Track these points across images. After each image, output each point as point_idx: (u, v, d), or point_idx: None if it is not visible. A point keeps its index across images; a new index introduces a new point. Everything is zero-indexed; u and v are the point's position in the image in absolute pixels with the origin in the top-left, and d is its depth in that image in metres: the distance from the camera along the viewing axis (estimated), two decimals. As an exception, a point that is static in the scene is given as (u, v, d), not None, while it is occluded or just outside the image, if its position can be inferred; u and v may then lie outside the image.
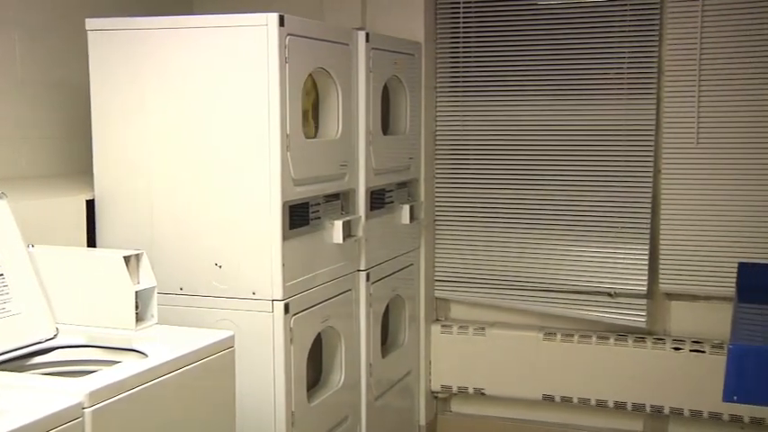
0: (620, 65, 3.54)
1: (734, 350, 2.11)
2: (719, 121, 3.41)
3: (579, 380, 3.60)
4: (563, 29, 3.60)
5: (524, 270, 3.72)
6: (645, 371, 3.50)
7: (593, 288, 3.62)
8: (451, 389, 3.83)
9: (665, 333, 3.60)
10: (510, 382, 3.72)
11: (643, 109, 3.51)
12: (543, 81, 3.65)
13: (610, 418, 3.65)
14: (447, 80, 3.81)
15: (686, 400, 3.45)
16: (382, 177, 3.29)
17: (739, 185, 3.40)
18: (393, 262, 3.43)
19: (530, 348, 3.67)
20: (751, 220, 3.38)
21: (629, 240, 3.56)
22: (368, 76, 3.11)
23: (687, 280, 3.50)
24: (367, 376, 3.19)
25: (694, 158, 3.45)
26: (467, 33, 3.76)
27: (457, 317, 3.91)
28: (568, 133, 3.63)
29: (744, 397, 2.10)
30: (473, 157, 3.80)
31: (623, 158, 3.56)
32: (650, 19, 3.48)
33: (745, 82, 3.36)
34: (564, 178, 3.65)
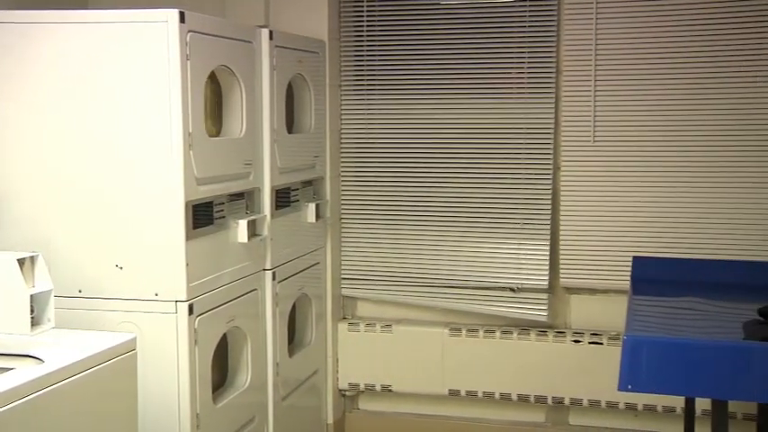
0: (521, 64, 3.62)
1: (628, 341, 2.20)
2: (614, 119, 3.53)
3: (484, 374, 3.67)
4: (465, 29, 3.66)
5: (429, 267, 3.77)
6: (547, 364, 3.59)
7: (496, 284, 3.70)
8: (359, 386, 3.85)
9: (565, 326, 3.70)
10: (417, 379, 3.76)
11: (542, 107, 3.61)
12: (446, 80, 3.71)
13: (513, 411, 3.73)
14: (351, 78, 3.82)
15: (585, 390, 3.56)
16: (287, 176, 3.27)
17: (634, 181, 3.52)
18: (299, 261, 3.42)
19: (436, 344, 3.72)
20: (645, 214, 3.52)
21: (531, 236, 3.65)
22: (272, 74, 3.09)
23: (586, 274, 3.61)
24: (274, 376, 3.17)
25: (591, 155, 3.56)
26: (371, 32, 3.78)
27: (363, 314, 3.93)
28: (471, 131, 3.70)
29: (637, 386, 2.19)
30: (378, 155, 3.82)
31: (524, 156, 3.65)
32: (548, 20, 3.57)
33: (639, 81, 3.49)
34: (467, 175, 3.71)
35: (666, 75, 3.45)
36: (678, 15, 3.43)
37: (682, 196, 3.47)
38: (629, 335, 2.24)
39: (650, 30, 3.46)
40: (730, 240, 3.42)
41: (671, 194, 3.49)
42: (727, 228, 3.43)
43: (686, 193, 3.47)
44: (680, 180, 3.47)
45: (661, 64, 3.45)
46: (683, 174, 3.47)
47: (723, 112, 3.41)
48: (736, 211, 3.42)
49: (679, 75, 3.44)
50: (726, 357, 2.11)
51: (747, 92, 3.38)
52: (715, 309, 2.74)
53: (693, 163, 3.46)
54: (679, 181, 3.48)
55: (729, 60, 3.38)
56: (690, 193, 3.47)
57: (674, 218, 3.48)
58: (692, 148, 3.46)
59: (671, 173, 3.48)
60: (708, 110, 3.43)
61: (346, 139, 3.84)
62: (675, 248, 3.45)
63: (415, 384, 3.77)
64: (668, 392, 2.32)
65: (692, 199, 3.47)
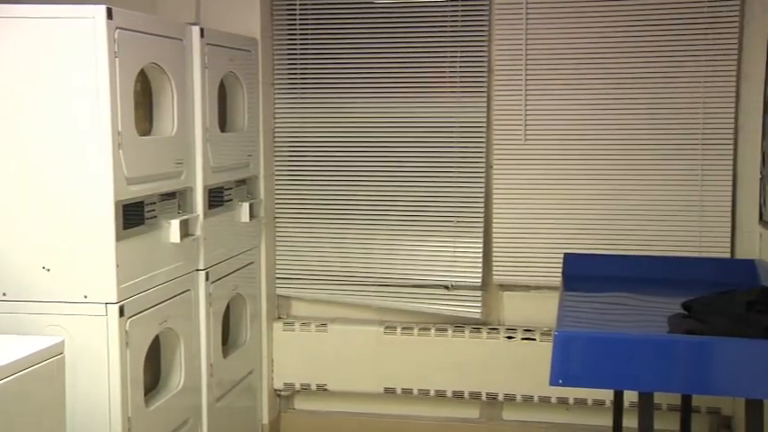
0: (453, 63, 3.65)
1: (559, 337, 2.23)
2: (545, 118, 3.58)
3: (419, 372, 3.70)
4: (398, 27, 3.68)
5: (364, 265, 3.78)
6: (481, 360, 3.63)
7: (430, 281, 3.72)
8: (294, 386, 3.83)
9: (498, 323, 3.75)
10: (352, 377, 3.76)
11: (475, 106, 3.64)
12: (380, 78, 3.71)
13: (448, 408, 3.77)
14: (285, 77, 3.80)
15: (519, 386, 3.61)
16: (220, 175, 3.24)
17: (565, 180, 3.59)
18: (233, 260, 3.39)
19: (371, 343, 3.73)
20: (576, 212, 3.58)
21: (464, 234, 3.68)
22: (203, 72, 3.06)
23: (518, 271, 3.66)
24: (208, 377, 3.14)
25: (523, 154, 3.62)
26: (303, 30, 3.76)
27: (299, 314, 3.92)
28: (405, 130, 3.71)
29: (568, 380, 2.22)
30: (312, 154, 3.81)
31: (457, 154, 3.68)
32: (479, 19, 3.61)
33: (568, 81, 3.55)
34: (401, 174, 3.73)
35: (595, 74, 3.52)
36: (606, 16, 3.50)
37: (611, 194, 3.55)
38: (559, 330, 2.28)
39: (579, 30, 3.52)
40: (657, 237, 3.51)
41: (601, 192, 3.56)
42: (654, 225, 3.51)
43: (615, 190, 3.55)
44: (609, 178, 3.55)
45: (590, 64, 3.52)
46: (612, 172, 3.55)
47: (651, 111, 3.50)
48: (663, 209, 3.51)
49: (607, 74, 3.51)
50: (651, 351, 2.16)
51: (673, 92, 3.47)
52: (642, 303, 2.81)
53: (622, 161, 3.53)
54: (608, 179, 3.55)
55: (657, 60, 3.47)
56: (618, 190, 3.54)
57: (604, 215, 3.56)
58: (621, 147, 3.53)
59: (601, 171, 3.55)
60: (636, 109, 3.51)
61: (280, 137, 3.82)
62: (605, 245, 3.52)
63: (351, 383, 3.77)
64: (597, 386, 2.37)
65: (620, 197, 3.54)
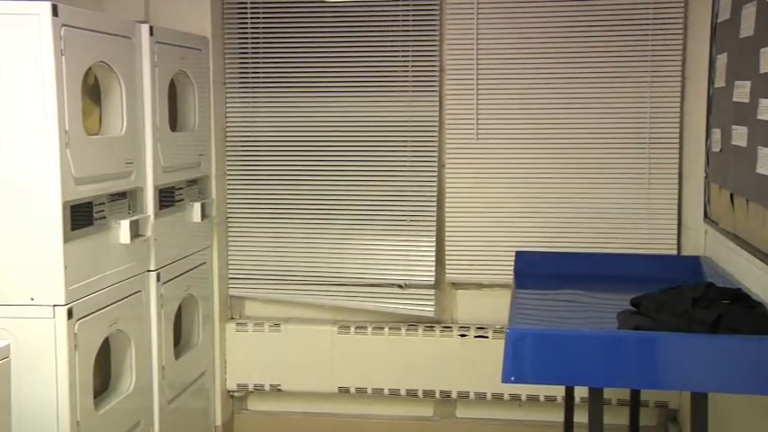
0: (405, 62, 3.66)
1: (510, 334, 2.26)
2: (497, 118, 3.61)
3: (373, 371, 3.70)
4: (350, 26, 3.68)
5: (318, 265, 3.77)
6: (434, 358, 3.65)
7: (384, 280, 3.73)
8: (248, 387, 3.81)
9: (452, 321, 3.77)
10: (306, 377, 3.75)
11: (427, 105, 3.66)
12: (332, 77, 3.71)
13: (402, 406, 3.78)
14: (236, 76, 3.78)
15: (472, 383, 3.64)
16: (171, 175, 3.20)
17: (516, 178, 3.62)
18: (185, 261, 3.35)
19: (325, 342, 3.72)
20: (527, 210, 3.62)
21: (418, 233, 3.70)
22: (153, 70, 3.02)
23: (471, 269, 3.69)
24: (159, 379, 3.10)
25: (475, 153, 3.64)
26: (255, 29, 3.74)
27: (252, 314, 3.89)
28: (357, 129, 3.71)
29: (520, 377, 2.25)
30: (265, 154, 3.79)
31: (410, 153, 3.69)
32: (431, 19, 3.63)
33: (519, 81, 3.58)
34: (354, 173, 3.72)
35: (545, 74, 3.56)
36: (556, 18, 3.54)
37: (561, 193, 3.59)
38: (511, 328, 2.30)
39: (529, 30, 3.56)
40: (607, 234, 3.56)
41: (551, 191, 3.60)
42: (604, 222, 3.56)
43: (565, 189, 3.59)
44: (559, 177, 3.59)
45: (540, 64, 3.56)
46: (563, 171, 3.59)
47: (599, 111, 3.54)
48: (612, 207, 3.56)
49: (557, 74, 3.55)
50: (601, 347, 2.20)
51: (621, 92, 3.52)
52: (592, 300, 2.85)
53: (572, 160, 3.58)
54: (559, 178, 3.59)
55: (605, 61, 3.52)
56: (569, 189, 3.59)
57: (555, 214, 3.60)
58: (571, 146, 3.58)
59: (551, 170, 3.59)
60: (585, 109, 3.55)
61: (232, 136, 3.80)
62: (556, 243, 3.56)
63: (305, 383, 3.76)
64: (549, 382, 2.39)
65: (571, 195, 3.59)
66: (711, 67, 3.11)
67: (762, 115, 2.43)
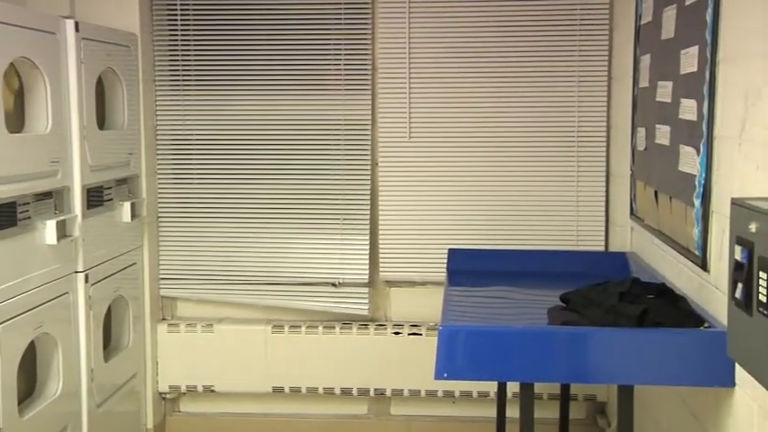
0: (338, 60, 3.66)
1: (443, 332, 2.28)
2: (429, 116, 3.64)
3: (307, 370, 3.69)
4: (282, 23, 3.66)
5: (251, 264, 3.74)
6: (368, 356, 3.66)
7: (318, 279, 3.72)
8: (180, 388, 3.76)
9: (386, 319, 3.78)
10: (240, 378, 3.72)
11: (359, 104, 3.66)
12: (264, 75, 3.68)
13: (337, 405, 3.78)
14: (166, 73, 3.72)
15: (406, 380, 3.66)
16: (100, 174, 3.14)
17: (448, 176, 3.65)
18: (114, 261, 3.29)
19: (258, 342, 3.70)
20: (459, 208, 3.65)
21: (351, 231, 3.70)
22: (79, 67, 2.96)
23: (405, 267, 3.71)
24: (88, 382, 3.04)
25: (407, 151, 3.66)
26: (185, 25, 3.69)
27: (184, 315, 3.84)
28: (290, 127, 3.70)
29: (453, 374, 2.27)
30: (196, 152, 3.75)
31: (343, 151, 3.69)
32: (363, 17, 3.63)
33: (451, 80, 3.61)
34: (288, 172, 3.71)
35: (477, 74, 3.60)
36: (486, 19, 3.58)
37: (493, 191, 3.64)
38: (443, 325, 2.32)
39: (460, 30, 3.59)
40: (537, 231, 3.62)
41: (483, 189, 3.64)
42: (534, 220, 3.62)
43: (497, 187, 3.64)
44: (491, 175, 3.64)
45: (471, 63, 3.60)
46: (494, 169, 3.63)
47: (530, 110, 3.60)
48: (542, 205, 3.62)
49: (488, 74, 3.60)
50: (531, 342, 2.23)
51: (551, 92, 3.58)
52: (523, 297, 2.89)
53: (503, 159, 3.63)
54: (490, 176, 3.64)
55: (535, 62, 3.57)
56: (500, 187, 3.64)
57: (487, 211, 3.64)
58: (502, 145, 3.62)
59: (483, 168, 3.64)
60: (516, 108, 3.60)
61: (162, 135, 3.74)
62: (488, 240, 3.61)
63: (239, 383, 3.73)
64: (481, 378, 2.42)
65: (502, 193, 3.63)
66: (636, 68, 3.19)
67: (683, 115, 2.51)
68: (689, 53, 2.45)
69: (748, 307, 1.53)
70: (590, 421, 3.70)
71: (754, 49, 2.00)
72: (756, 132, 1.98)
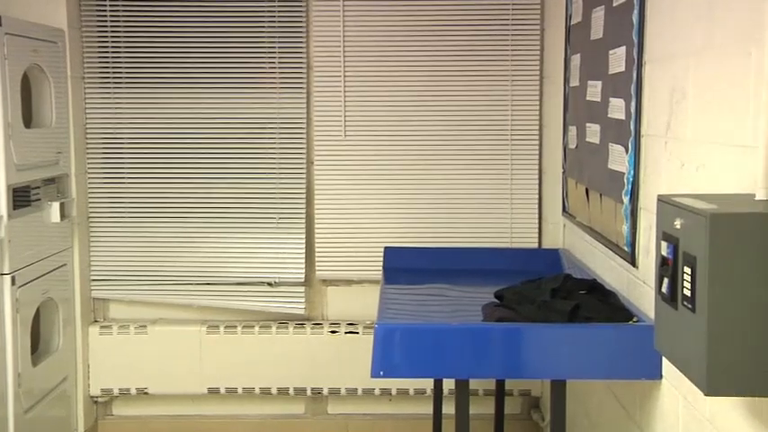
0: (272, 59, 3.63)
1: (379, 330, 2.28)
2: (364, 116, 3.64)
3: (243, 370, 3.66)
4: (215, 21, 3.62)
5: (186, 265, 3.69)
6: (305, 356, 3.64)
7: (253, 279, 3.69)
8: (112, 392, 3.69)
9: (322, 318, 3.77)
10: (174, 379, 3.67)
11: (295, 103, 3.65)
12: (198, 73, 3.64)
13: (273, 405, 3.75)
14: (96, 70, 3.64)
15: (343, 379, 3.65)
16: (26, 173, 3.06)
17: (384, 175, 3.66)
18: (43, 263, 3.21)
19: (193, 343, 3.65)
20: (395, 207, 3.67)
21: (287, 230, 3.68)
22: (2, 64, 2.88)
23: (341, 266, 3.71)
24: (15, 387, 2.96)
25: (343, 150, 3.66)
26: (115, 21, 3.62)
27: (117, 316, 3.77)
28: (224, 125, 3.66)
29: (389, 372, 2.27)
30: (129, 151, 3.68)
31: (278, 150, 3.67)
32: (297, 15, 3.62)
33: (386, 79, 3.62)
34: (222, 170, 3.67)
35: (411, 73, 3.62)
36: (421, 17, 3.60)
37: (428, 189, 3.66)
38: (379, 323, 2.32)
39: (395, 29, 3.60)
40: (472, 229, 3.66)
41: (418, 187, 3.66)
42: (469, 218, 3.66)
43: (432, 185, 3.66)
44: (426, 173, 3.66)
45: (406, 62, 3.61)
46: (429, 167, 3.66)
47: (464, 109, 3.63)
48: (477, 203, 3.66)
49: (423, 73, 3.62)
50: (466, 339, 2.25)
51: (484, 91, 3.61)
52: (459, 294, 2.91)
53: (438, 157, 3.65)
54: (425, 174, 3.66)
55: (469, 61, 3.60)
56: (435, 185, 3.66)
57: (422, 209, 3.66)
58: (437, 144, 3.65)
59: (418, 167, 3.66)
60: (450, 107, 3.63)
61: (93, 133, 3.66)
62: (424, 238, 3.63)
63: (173, 385, 3.68)
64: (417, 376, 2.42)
65: (437, 191, 3.66)
66: (567, 68, 3.25)
67: (612, 114, 2.56)
68: (617, 53, 2.50)
69: (673, 301, 1.57)
70: (525, 416, 3.75)
71: (678, 50, 2.05)
72: (681, 131, 2.04)
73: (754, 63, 1.64)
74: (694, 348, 1.49)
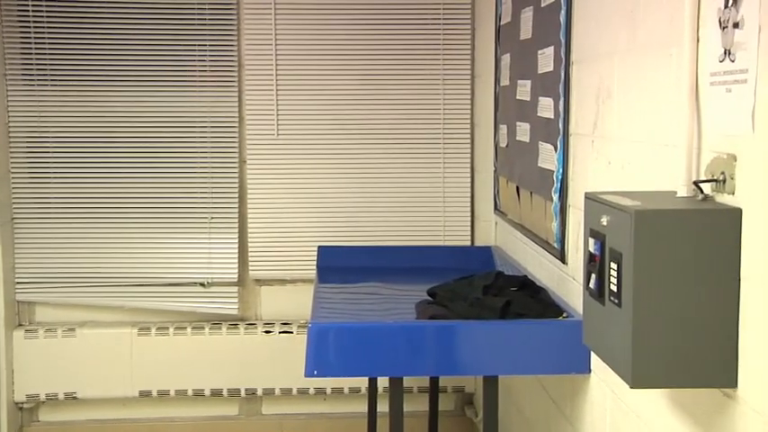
0: (202, 57, 3.59)
1: (312, 329, 2.27)
2: (296, 114, 3.62)
3: (176, 372, 3.60)
4: (143, 18, 3.55)
5: (116, 266, 3.62)
6: (239, 356, 3.61)
7: (186, 279, 3.64)
8: (39, 397, 3.59)
9: (256, 318, 3.74)
10: (104, 383, 3.59)
11: (226, 101, 3.61)
12: (125, 71, 3.57)
13: (206, 407, 3.71)
14: (19, 68, 3.55)
15: (277, 379, 3.63)
16: (-55, 173, 2.96)
17: (318, 174, 3.65)
18: (-36, 266, 3.11)
19: (124, 345, 3.58)
20: (329, 205, 3.66)
21: (220, 230, 3.64)
22: None
23: (275, 265, 3.68)
24: (-64, 396, 2.86)
25: (276, 149, 3.63)
26: (38, 17, 3.52)
27: (43, 320, 3.68)
28: (153, 124, 3.60)
29: (323, 371, 2.27)
30: (54, 151, 3.59)
31: (210, 149, 3.62)
32: (227, 12, 3.57)
33: (318, 77, 3.61)
34: (153, 170, 3.61)
35: (344, 71, 3.61)
36: (352, 16, 3.60)
37: (362, 188, 3.66)
38: (313, 322, 2.32)
39: (328, 27, 3.59)
40: (406, 227, 3.67)
41: (352, 186, 3.66)
42: (403, 216, 3.67)
43: (365, 184, 3.66)
44: (359, 172, 3.66)
45: (338, 61, 3.61)
46: (363, 166, 3.66)
47: (396, 108, 3.64)
48: (410, 201, 3.67)
49: (355, 72, 3.62)
50: (399, 337, 2.26)
51: (417, 90, 3.63)
52: (392, 292, 2.92)
53: (371, 156, 3.66)
54: (359, 173, 3.66)
55: (401, 60, 3.62)
56: (369, 184, 3.66)
57: (356, 208, 3.66)
58: (370, 142, 3.65)
59: (351, 165, 3.65)
60: (382, 106, 3.64)
61: (16, 133, 3.56)
62: (358, 237, 3.63)
63: (103, 389, 3.60)
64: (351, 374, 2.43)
65: (370, 190, 3.66)
66: (497, 67, 3.29)
67: (541, 113, 2.60)
68: (545, 53, 2.54)
69: (601, 296, 1.60)
70: (459, 412, 3.79)
71: (604, 50, 2.09)
72: (607, 130, 2.08)
73: (674, 63, 1.68)
74: (620, 342, 1.52)
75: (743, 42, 1.41)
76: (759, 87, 1.37)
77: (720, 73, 1.49)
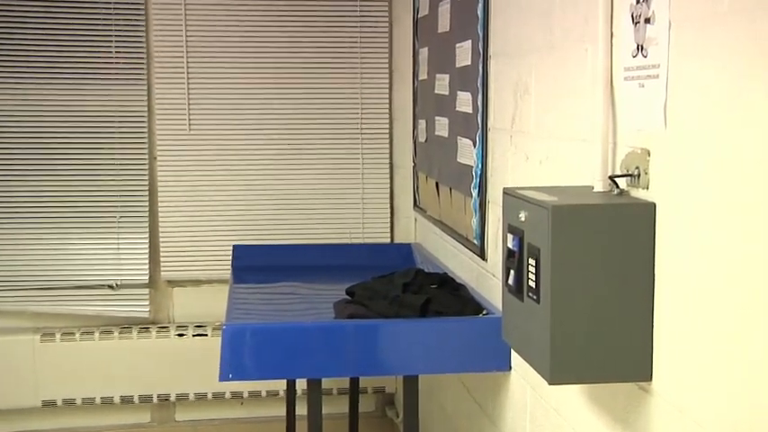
0: (108, 49, 3.44)
1: (227, 330, 2.19)
2: (209, 109, 3.51)
3: (83, 379, 3.45)
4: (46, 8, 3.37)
5: (17, 268, 3.45)
6: (151, 361, 3.48)
7: (93, 281, 3.50)
8: (-66, 410, 3.40)
9: (169, 321, 3.62)
10: (5, 392, 3.42)
11: (134, 95, 3.47)
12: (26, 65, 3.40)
13: (116, 415, 3.56)
14: None
15: (191, 384, 3.51)
16: None
17: (232, 171, 3.55)
18: None
19: (26, 352, 3.42)
20: (243, 203, 3.56)
21: (129, 230, 3.50)
22: None
23: (188, 266, 3.57)
24: None
25: (188, 145, 3.51)
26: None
27: (-61, 327, 3.48)
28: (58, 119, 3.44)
29: (239, 374, 2.19)
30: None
31: (118, 145, 3.48)
32: (136, 4, 3.43)
33: (232, 72, 3.50)
34: (55, 167, 3.45)
35: (259, 66, 3.52)
36: (266, 9, 3.50)
37: (278, 185, 3.58)
38: (227, 324, 2.24)
39: (242, 20, 3.49)
40: (324, 225, 3.60)
41: (268, 183, 3.57)
42: (321, 214, 3.60)
43: (282, 181, 3.58)
44: (275, 169, 3.57)
45: (252, 56, 3.51)
46: (279, 163, 3.57)
47: (313, 104, 3.56)
48: (328, 199, 3.60)
49: (269, 67, 3.53)
50: (317, 337, 2.20)
51: (334, 86, 3.56)
52: (310, 291, 2.86)
53: (287, 153, 3.57)
54: (275, 170, 3.57)
55: (317, 55, 3.54)
56: (285, 181, 3.58)
57: (272, 206, 3.57)
58: (286, 139, 3.57)
59: (267, 162, 3.57)
60: (299, 102, 3.56)
61: None
62: (274, 236, 3.54)
63: (3, 399, 3.43)
64: (268, 377, 2.37)
65: (287, 188, 3.58)
66: (415, 61, 3.25)
67: (460, 107, 2.56)
68: (463, 47, 2.50)
69: (519, 293, 1.57)
70: (380, 413, 3.74)
71: (521, 45, 2.07)
72: (525, 125, 2.05)
73: (590, 59, 1.67)
74: (538, 339, 1.49)
75: (654, 38, 1.40)
76: (670, 82, 1.36)
77: (634, 68, 1.47)
